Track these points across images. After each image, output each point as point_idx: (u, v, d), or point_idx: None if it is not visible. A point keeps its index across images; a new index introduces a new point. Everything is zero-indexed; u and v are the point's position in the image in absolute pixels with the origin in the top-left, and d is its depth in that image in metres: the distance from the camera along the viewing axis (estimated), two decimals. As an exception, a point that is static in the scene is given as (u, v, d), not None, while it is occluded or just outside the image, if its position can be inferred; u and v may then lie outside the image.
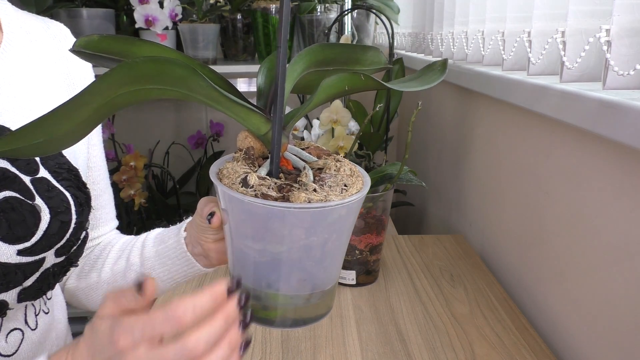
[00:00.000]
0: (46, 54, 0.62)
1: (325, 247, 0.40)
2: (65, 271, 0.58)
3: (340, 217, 0.39)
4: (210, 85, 0.35)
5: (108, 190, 0.72)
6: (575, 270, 0.67)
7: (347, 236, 0.43)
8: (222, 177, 0.41)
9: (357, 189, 0.40)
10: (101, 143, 0.71)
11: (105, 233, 0.72)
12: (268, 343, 0.71)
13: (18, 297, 0.52)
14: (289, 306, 0.42)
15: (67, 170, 0.58)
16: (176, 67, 0.34)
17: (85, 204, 0.58)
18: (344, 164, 0.42)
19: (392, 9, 1.58)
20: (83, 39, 0.40)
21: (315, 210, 0.37)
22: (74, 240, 0.56)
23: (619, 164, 0.58)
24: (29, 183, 0.53)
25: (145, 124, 1.89)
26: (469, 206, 1.09)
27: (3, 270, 0.50)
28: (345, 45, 0.50)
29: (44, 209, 0.52)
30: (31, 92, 0.58)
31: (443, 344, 0.70)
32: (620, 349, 0.58)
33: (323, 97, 0.42)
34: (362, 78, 0.41)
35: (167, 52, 0.42)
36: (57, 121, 0.35)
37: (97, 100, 0.35)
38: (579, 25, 0.59)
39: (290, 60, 0.44)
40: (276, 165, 0.40)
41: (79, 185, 0.58)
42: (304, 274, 0.40)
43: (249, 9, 1.48)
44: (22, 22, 0.62)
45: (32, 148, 0.36)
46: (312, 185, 0.38)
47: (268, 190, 0.38)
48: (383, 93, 1.26)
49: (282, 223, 0.38)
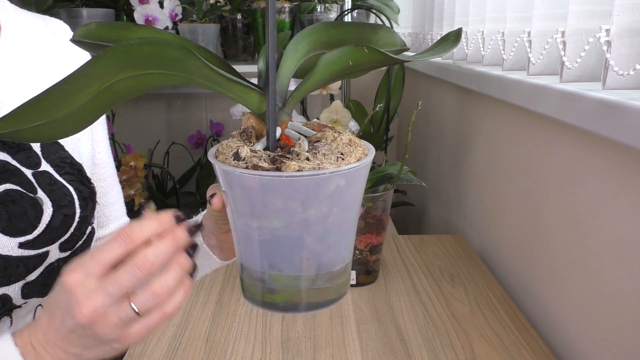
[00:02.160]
0: (45, 50, 0.63)
1: (327, 221, 0.38)
2: None
3: (339, 188, 0.37)
4: (206, 65, 0.34)
5: (116, 187, 0.72)
6: (575, 270, 0.67)
7: (351, 211, 0.40)
8: (218, 154, 0.40)
9: (356, 157, 0.38)
10: (107, 140, 0.70)
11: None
12: (268, 343, 0.71)
13: (22, 292, 0.52)
14: (294, 288, 0.40)
15: (70, 164, 0.58)
16: (171, 48, 0.34)
17: (89, 199, 0.58)
18: (342, 135, 0.40)
19: (392, 9, 1.58)
20: (82, 28, 0.40)
21: (308, 178, 0.35)
22: (78, 235, 0.56)
23: (619, 164, 0.58)
24: (30, 176, 0.53)
25: (145, 124, 1.89)
26: (469, 206, 1.09)
27: (4, 263, 0.49)
28: (352, 23, 0.47)
29: (47, 202, 0.52)
30: (30, 87, 0.59)
31: (443, 344, 0.70)
32: (620, 349, 0.58)
33: (326, 74, 0.40)
34: (365, 51, 0.38)
35: (162, 34, 0.42)
36: (55, 103, 0.34)
37: (94, 84, 0.34)
38: (579, 25, 0.59)
39: (291, 40, 0.43)
40: (272, 139, 0.39)
41: (82, 179, 0.58)
42: (307, 252, 0.39)
43: (249, 9, 1.48)
44: (21, 19, 0.62)
45: (32, 131, 0.35)
46: (305, 154, 0.37)
47: (259, 162, 0.36)
48: (383, 93, 1.26)
49: (276, 195, 0.36)
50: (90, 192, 0.59)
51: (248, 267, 0.41)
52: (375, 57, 0.39)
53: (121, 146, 1.67)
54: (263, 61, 0.43)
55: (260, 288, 0.40)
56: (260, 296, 0.41)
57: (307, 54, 0.44)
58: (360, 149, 0.39)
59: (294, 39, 0.43)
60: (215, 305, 0.80)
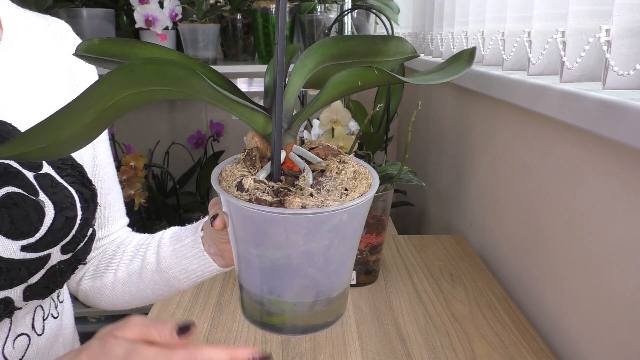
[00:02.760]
0: (47, 51, 0.62)
1: (328, 253, 0.38)
2: (73, 269, 0.58)
3: (341, 222, 0.37)
4: (210, 85, 0.35)
5: (116, 187, 0.72)
6: (575, 270, 0.67)
7: (352, 241, 0.41)
8: (222, 179, 0.40)
9: (360, 192, 0.38)
10: (107, 141, 0.70)
11: (115, 231, 0.72)
12: (268, 343, 0.71)
13: (24, 294, 0.52)
14: (293, 313, 0.40)
15: (71, 166, 0.58)
16: (176, 68, 0.34)
17: (90, 201, 0.58)
18: (347, 166, 0.40)
19: (392, 9, 1.58)
20: (85, 43, 0.40)
21: (311, 216, 0.35)
22: (80, 237, 0.56)
23: (619, 164, 0.58)
24: (32, 179, 0.52)
25: (145, 124, 1.89)
26: (469, 206, 1.09)
27: (7, 266, 0.49)
28: (362, 36, 0.46)
29: (48, 205, 0.52)
30: (32, 88, 0.58)
31: (443, 344, 0.70)
32: (620, 349, 0.58)
33: (334, 94, 0.40)
34: (375, 72, 0.38)
35: (167, 53, 0.42)
36: (60, 125, 0.34)
37: (99, 104, 0.34)
38: (579, 25, 0.59)
39: (300, 55, 0.42)
40: (277, 167, 0.39)
41: (83, 181, 0.58)
42: (307, 280, 0.39)
43: (249, 9, 1.48)
44: (23, 19, 0.62)
45: (38, 152, 0.35)
46: (309, 190, 0.36)
47: (262, 195, 0.36)
48: (383, 93, 1.26)
49: (278, 229, 0.36)
50: (92, 194, 0.58)
51: (248, 289, 0.41)
52: (384, 78, 0.39)
53: (121, 146, 1.67)
54: (270, 75, 0.42)
55: (259, 310, 0.41)
56: (258, 317, 0.41)
57: (315, 67, 0.43)
58: (365, 181, 0.39)
59: (302, 54, 0.42)
60: (215, 305, 0.80)
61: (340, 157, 0.42)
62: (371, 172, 0.42)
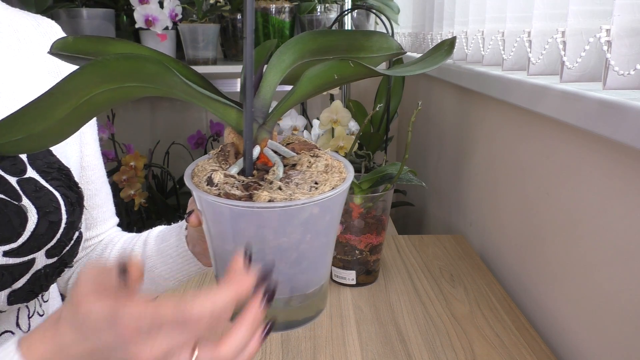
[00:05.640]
0: (35, 52, 0.62)
1: (300, 247, 0.38)
2: (59, 272, 0.57)
3: (312, 216, 0.37)
4: (184, 81, 0.34)
5: (104, 188, 0.72)
6: (575, 270, 0.67)
7: (326, 235, 0.40)
8: (194, 175, 0.40)
9: (331, 185, 0.37)
10: (96, 142, 0.70)
11: (104, 231, 0.72)
12: (268, 343, 0.71)
13: (8, 299, 0.51)
14: (270, 309, 0.39)
15: (58, 169, 0.57)
16: (149, 63, 0.33)
17: (76, 204, 0.57)
18: (319, 160, 0.39)
19: (392, 9, 1.58)
20: (59, 41, 0.40)
21: (280, 210, 0.35)
22: (65, 241, 0.55)
23: (619, 164, 0.58)
24: (15, 184, 0.52)
25: (145, 124, 1.89)
26: (469, 206, 1.09)
27: None
28: (342, 31, 0.45)
29: (31, 210, 0.52)
30: (19, 91, 0.58)
31: (443, 344, 0.70)
32: (620, 349, 0.58)
33: (309, 88, 0.39)
34: (351, 65, 0.37)
35: (141, 49, 0.42)
36: (33, 118, 0.34)
37: (72, 99, 0.34)
38: (579, 25, 0.59)
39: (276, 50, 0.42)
40: (249, 162, 0.38)
41: (70, 184, 0.57)
42: (281, 276, 0.38)
43: (249, 9, 1.48)
44: (11, 20, 0.61)
45: (13, 145, 0.35)
46: (277, 184, 0.36)
47: (231, 189, 0.36)
48: (383, 93, 1.26)
49: (248, 224, 0.36)
50: (78, 197, 0.58)
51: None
52: (361, 70, 0.38)
53: (121, 146, 1.67)
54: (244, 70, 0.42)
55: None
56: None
57: (293, 63, 0.42)
58: (337, 175, 0.39)
59: (278, 49, 0.41)
60: (215, 305, 0.80)
61: (315, 151, 0.41)
62: (347, 166, 0.41)
